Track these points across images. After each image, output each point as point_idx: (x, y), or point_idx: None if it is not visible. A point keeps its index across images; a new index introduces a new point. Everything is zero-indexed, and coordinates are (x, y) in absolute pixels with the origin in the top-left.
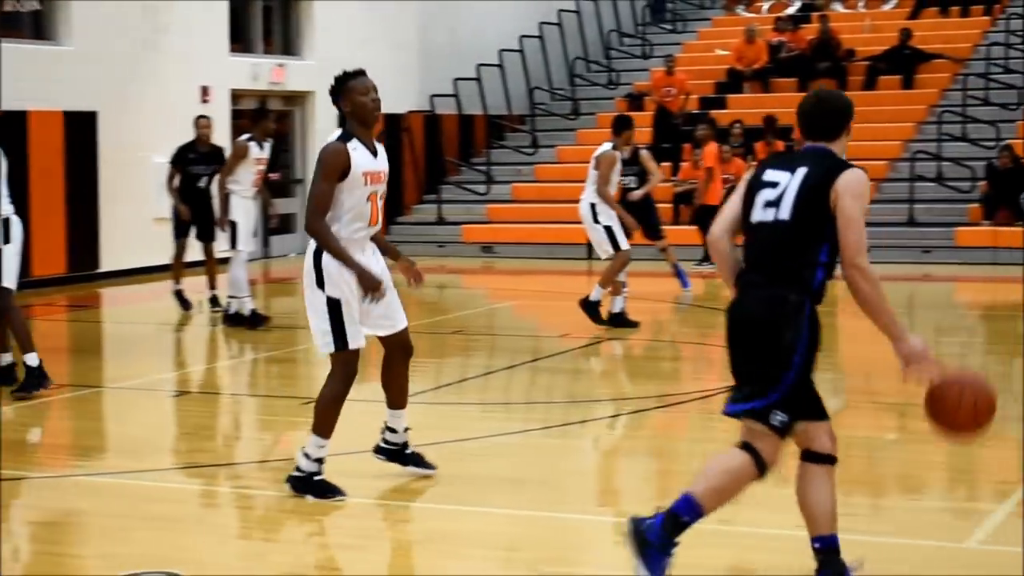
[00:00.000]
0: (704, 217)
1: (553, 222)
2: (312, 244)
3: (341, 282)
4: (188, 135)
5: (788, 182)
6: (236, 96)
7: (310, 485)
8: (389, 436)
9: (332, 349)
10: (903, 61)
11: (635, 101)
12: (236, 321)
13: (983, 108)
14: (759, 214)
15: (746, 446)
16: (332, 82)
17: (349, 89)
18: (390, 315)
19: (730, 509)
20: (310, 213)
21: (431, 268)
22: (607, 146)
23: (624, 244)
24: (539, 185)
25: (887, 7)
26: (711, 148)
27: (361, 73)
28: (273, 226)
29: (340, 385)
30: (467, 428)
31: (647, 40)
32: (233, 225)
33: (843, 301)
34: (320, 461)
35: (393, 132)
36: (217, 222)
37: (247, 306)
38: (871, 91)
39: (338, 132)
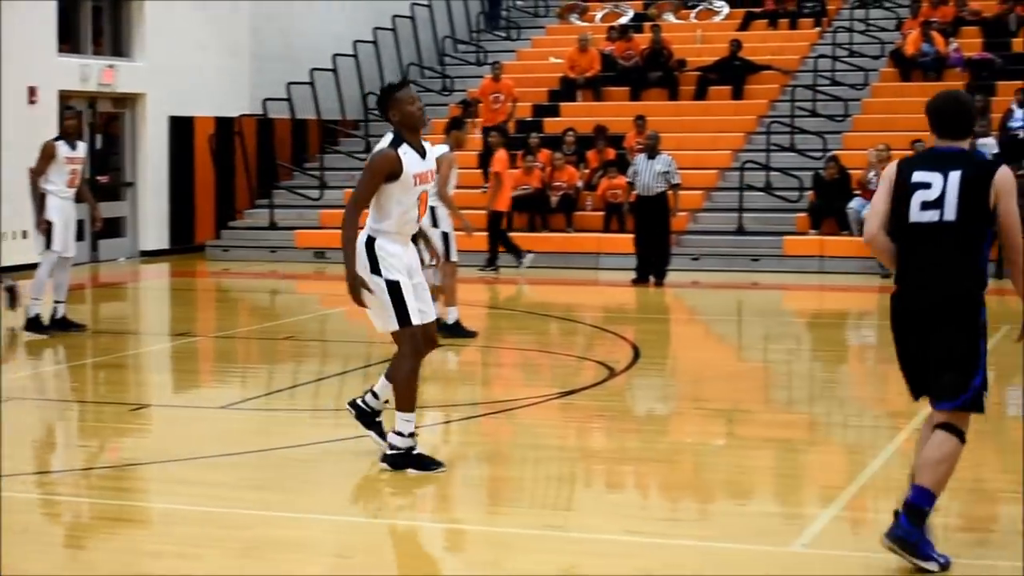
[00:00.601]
0: (495, 223)
1: None
2: (364, 234)
3: (395, 265)
4: (15, 136)
5: (944, 184)
6: (65, 97)
7: (409, 459)
8: (370, 399)
9: (396, 327)
10: (733, 72)
11: (469, 108)
12: (34, 326)
13: (811, 119)
14: (917, 215)
15: (946, 426)
16: (379, 94)
17: (397, 100)
18: (425, 307)
19: (561, 515)
20: (350, 204)
21: (263, 273)
22: (444, 147)
23: (455, 255)
24: None
25: (718, 19)
26: (500, 155)
27: (405, 84)
28: (98, 229)
29: (411, 360)
30: (298, 435)
31: (481, 47)
32: (49, 225)
33: (673, 309)
34: (412, 435)
35: (225, 136)
36: (35, 223)
37: (49, 310)
38: (702, 101)
39: (389, 137)
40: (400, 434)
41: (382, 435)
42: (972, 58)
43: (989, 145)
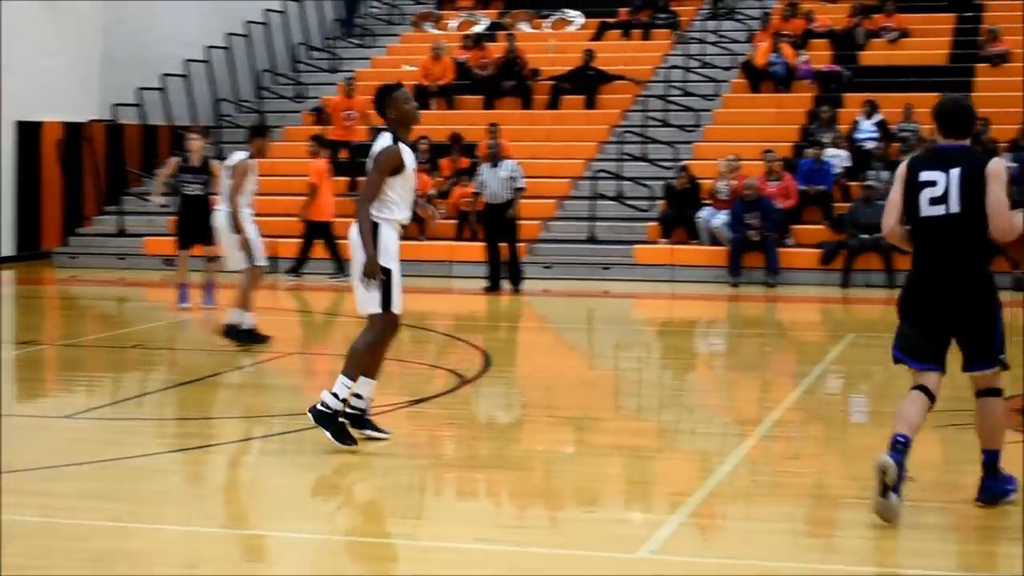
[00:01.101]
0: (312, 233)
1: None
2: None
3: (392, 253)
4: None
5: (947, 180)
6: None
7: (333, 423)
8: (355, 402)
9: (378, 310)
10: (586, 82)
11: (322, 115)
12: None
13: (662, 129)
14: (927, 210)
15: (987, 392)
16: (376, 94)
17: (394, 99)
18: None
19: (411, 523)
20: (362, 198)
21: (111, 281)
22: (241, 155)
23: (261, 260)
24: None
25: (571, 28)
26: (318, 164)
27: (400, 85)
28: None
29: (375, 336)
30: (144, 444)
31: (335, 54)
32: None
33: (525, 317)
34: (345, 402)
35: (73, 141)
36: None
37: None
38: (555, 110)
39: (389, 136)
40: (335, 396)
41: (376, 429)
42: (821, 70)
43: (840, 157)
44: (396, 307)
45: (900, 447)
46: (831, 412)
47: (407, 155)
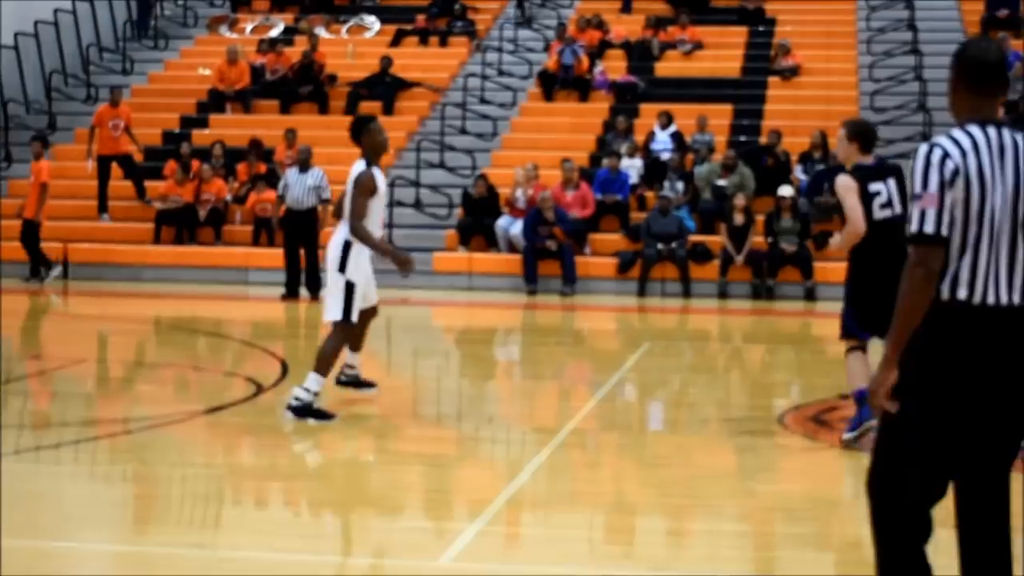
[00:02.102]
0: (30, 233)
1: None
2: (339, 236)
3: (359, 271)
4: None
5: (888, 187)
6: None
7: (310, 411)
8: (348, 371)
9: (339, 318)
10: (384, 88)
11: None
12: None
13: (460, 137)
14: (880, 214)
15: (859, 347)
16: (354, 122)
17: (369, 130)
18: (373, 297)
19: (209, 533)
20: (354, 220)
21: None
22: None
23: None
24: (15, 201)
25: (369, 34)
26: (41, 165)
27: (374, 118)
28: None
29: (340, 342)
30: None
31: (128, 56)
32: None
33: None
34: (317, 395)
35: None
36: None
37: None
38: (353, 116)
39: (363, 162)
40: (307, 390)
41: (371, 386)
42: (617, 81)
43: (636, 167)
44: (354, 317)
45: (862, 399)
46: (628, 420)
47: (379, 179)
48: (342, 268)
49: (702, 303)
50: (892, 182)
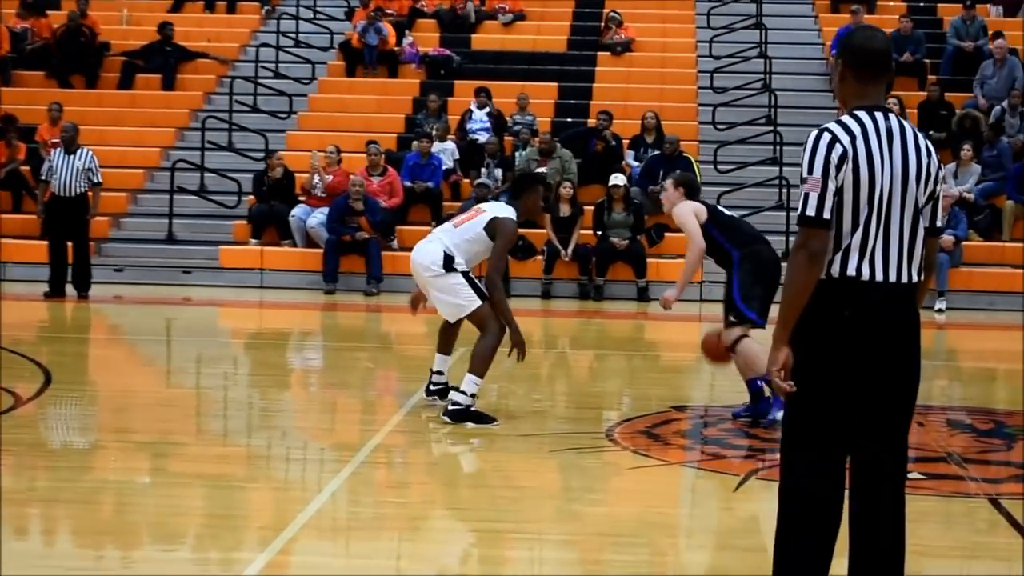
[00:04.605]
0: None
1: None
2: (434, 246)
3: (462, 263)
4: None
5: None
6: None
7: (470, 415)
8: (436, 378)
9: (477, 304)
10: (164, 58)
11: None
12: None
13: (251, 115)
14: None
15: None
16: (521, 179)
17: (536, 191)
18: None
19: None
20: (497, 270)
21: None
22: None
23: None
24: None
25: None
26: None
27: (545, 177)
28: None
29: (496, 337)
30: None
31: None
32: None
33: (93, 327)
34: (474, 396)
35: None
36: None
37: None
38: (127, 91)
39: (512, 210)
40: (464, 393)
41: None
42: (429, 54)
43: (448, 151)
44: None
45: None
46: (438, 435)
47: None
48: (448, 267)
49: (523, 303)
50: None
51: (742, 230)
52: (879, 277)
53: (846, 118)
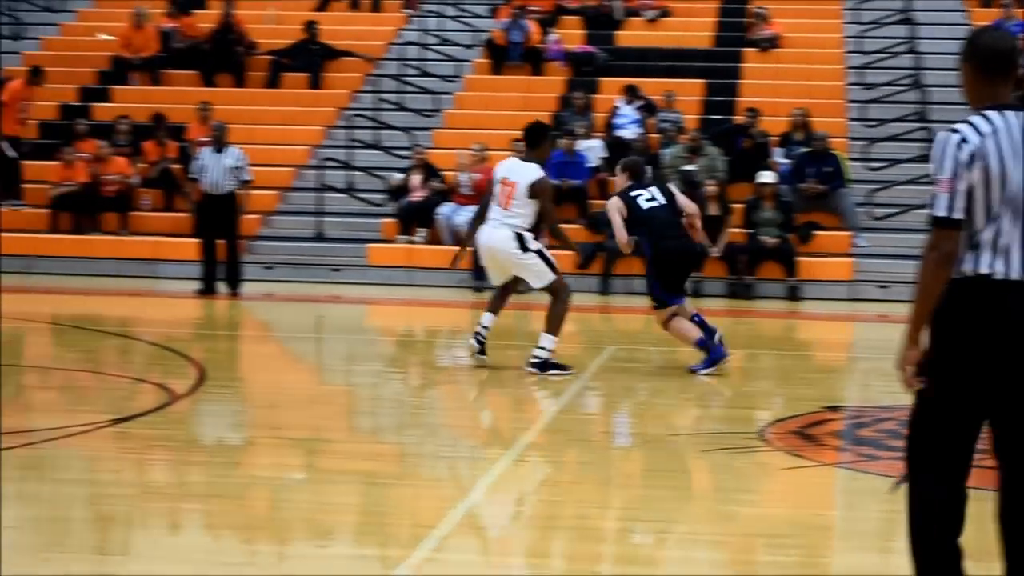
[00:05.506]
0: None
1: None
2: (504, 232)
3: (531, 238)
4: None
5: (651, 191)
6: None
7: (549, 364)
8: (483, 331)
9: (551, 277)
10: (310, 57)
11: (3, 86)
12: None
13: (397, 113)
14: (646, 206)
15: (675, 313)
16: (533, 128)
17: (550, 139)
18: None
19: (117, 561)
20: (555, 221)
21: None
22: None
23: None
24: None
25: None
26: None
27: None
28: None
29: (565, 303)
30: None
31: (18, 19)
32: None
33: (244, 324)
34: (553, 352)
35: None
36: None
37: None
38: (275, 89)
39: (536, 167)
40: (544, 348)
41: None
42: (573, 51)
43: (595, 148)
44: (559, 269)
45: (711, 330)
46: (590, 433)
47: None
48: (523, 248)
49: None
50: (654, 188)
51: (652, 225)
52: (1014, 275)
53: (975, 117)
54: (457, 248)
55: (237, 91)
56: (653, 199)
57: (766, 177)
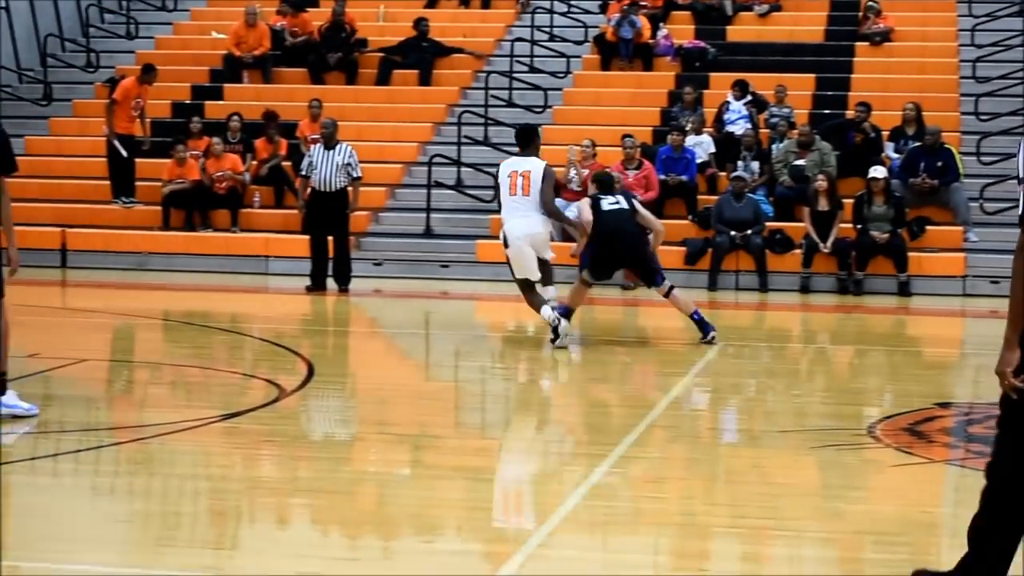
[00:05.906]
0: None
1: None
2: (533, 220)
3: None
4: None
5: (616, 196)
6: None
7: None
8: (554, 323)
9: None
10: (420, 54)
11: (116, 85)
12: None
13: (507, 109)
14: (607, 207)
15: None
16: (525, 130)
17: (539, 135)
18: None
19: (226, 555)
20: (552, 205)
21: None
22: None
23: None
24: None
25: None
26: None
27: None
28: None
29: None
30: None
31: (133, 18)
32: None
33: (353, 320)
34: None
35: None
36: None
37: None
38: (385, 86)
39: (538, 159)
40: (561, 319)
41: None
42: (684, 46)
43: (704, 144)
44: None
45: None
46: (697, 430)
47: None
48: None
49: (781, 298)
50: (620, 196)
51: (607, 219)
52: None
53: None
54: (573, 245)
55: (347, 88)
56: (617, 203)
57: (877, 172)
